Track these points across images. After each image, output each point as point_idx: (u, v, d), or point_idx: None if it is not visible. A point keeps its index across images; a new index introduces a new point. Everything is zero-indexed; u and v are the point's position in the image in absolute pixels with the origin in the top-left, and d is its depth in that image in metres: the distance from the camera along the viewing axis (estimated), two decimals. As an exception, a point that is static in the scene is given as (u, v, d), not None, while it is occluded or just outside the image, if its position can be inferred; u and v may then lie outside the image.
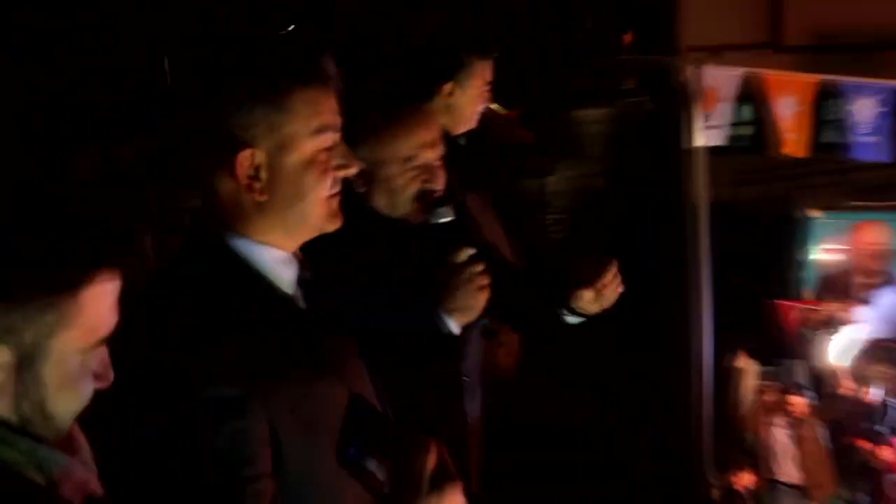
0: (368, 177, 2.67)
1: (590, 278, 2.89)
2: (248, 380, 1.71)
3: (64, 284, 1.41)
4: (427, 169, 2.72)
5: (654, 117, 22.84)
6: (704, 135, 4.94)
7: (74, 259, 1.45)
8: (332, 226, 1.89)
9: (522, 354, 3.98)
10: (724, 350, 6.92)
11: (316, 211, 1.84)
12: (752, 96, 4.70)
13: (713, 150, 4.78)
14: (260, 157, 1.79)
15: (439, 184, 2.75)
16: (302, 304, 1.89)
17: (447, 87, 3.55)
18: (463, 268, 2.60)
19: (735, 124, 4.88)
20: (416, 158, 2.70)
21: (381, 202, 2.72)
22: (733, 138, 4.84)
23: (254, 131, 1.77)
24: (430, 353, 2.57)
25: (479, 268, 2.61)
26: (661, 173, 19.83)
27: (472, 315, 2.63)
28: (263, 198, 1.82)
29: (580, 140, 28.60)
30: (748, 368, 6.95)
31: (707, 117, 4.89)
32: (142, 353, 1.69)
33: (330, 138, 1.83)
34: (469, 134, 3.75)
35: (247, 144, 1.79)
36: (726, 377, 7.19)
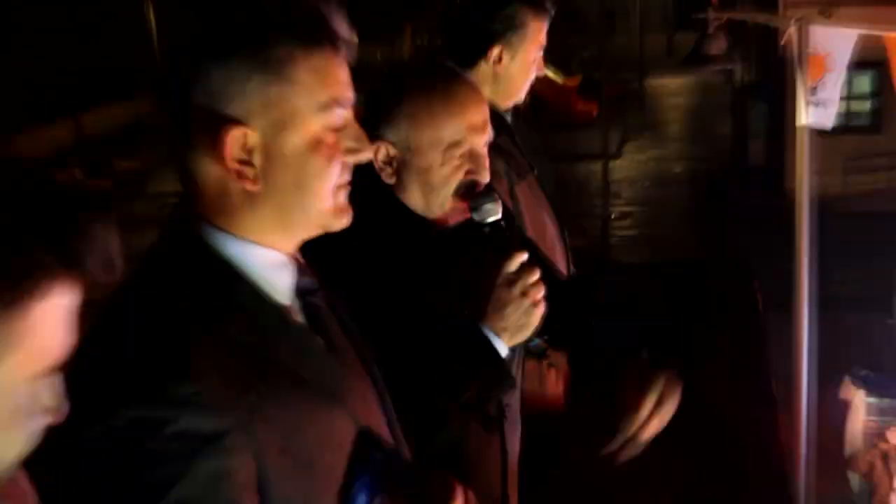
0: (400, 165, 2.60)
1: (631, 403, 2.68)
2: (230, 409, 1.66)
3: (8, 298, 1.34)
4: (473, 157, 2.62)
5: (746, 89, 22.67)
6: (810, 112, 4.79)
7: (21, 266, 1.36)
8: (339, 223, 1.85)
9: (575, 381, 3.94)
10: (828, 376, 6.88)
11: (320, 204, 1.80)
12: (871, 63, 4.58)
13: (821, 131, 4.66)
14: (253, 137, 1.74)
15: (486, 175, 2.66)
16: (300, 316, 1.85)
17: (495, 50, 3.50)
18: (515, 279, 2.53)
19: (849, 98, 4.77)
20: (461, 144, 2.62)
21: (414, 197, 2.63)
22: (847, 116, 4.72)
23: (246, 105, 1.72)
24: (472, 379, 2.51)
25: (534, 278, 2.54)
26: (755, 159, 19.76)
27: (524, 335, 2.58)
28: (256, 187, 1.75)
29: (655, 115, 28.54)
30: (857, 400, 6.90)
31: (814, 90, 4.75)
32: (99, 381, 1.64)
33: (340, 116, 1.78)
34: (517, 109, 3.70)
35: (237, 121, 1.73)
36: (829, 410, 7.16)
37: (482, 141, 2.64)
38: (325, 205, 1.81)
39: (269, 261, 1.82)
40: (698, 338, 4.38)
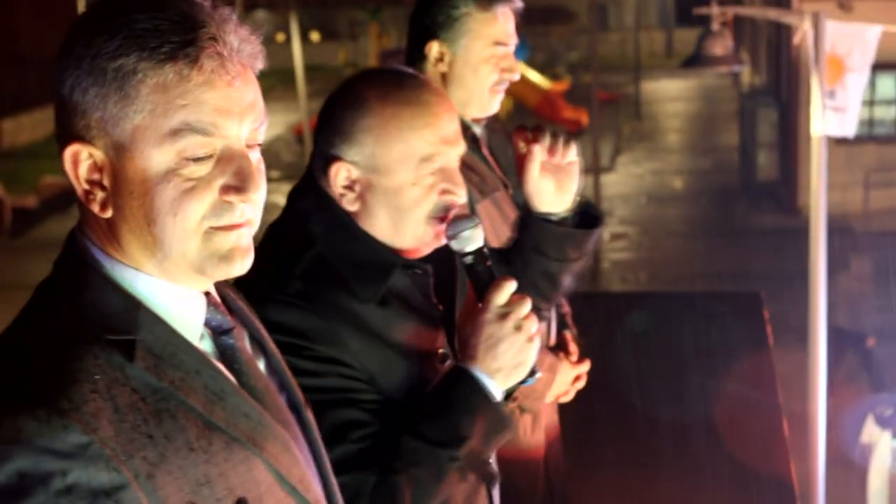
0: (364, 189, 2.55)
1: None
2: (127, 460, 1.63)
3: None
4: (447, 173, 2.56)
5: (755, 94, 22.84)
6: (827, 119, 4.81)
7: None
8: (220, 270, 1.76)
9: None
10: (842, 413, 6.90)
11: (180, 246, 1.72)
12: (895, 65, 4.60)
13: (839, 141, 4.68)
14: (98, 156, 1.71)
15: (462, 194, 2.62)
16: (212, 357, 1.82)
17: (434, 48, 3.44)
18: (507, 313, 2.47)
19: (872, 103, 4.78)
20: (434, 159, 2.54)
21: (381, 225, 2.56)
22: (869, 123, 4.74)
23: (87, 120, 1.67)
24: (470, 432, 2.48)
25: (526, 309, 2.52)
26: (764, 172, 19.89)
27: (520, 375, 2.51)
28: (106, 213, 1.70)
29: (651, 123, 28.76)
30: (882, 444, 6.92)
31: (832, 94, 4.78)
32: None
33: (201, 144, 1.69)
34: (494, 118, 3.67)
35: (79, 137, 1.69)
36: (847, 451, 7.16)
37: (456, 154, 2.58)
38: (190, 248, 1.73)
39: (171, 294, 1.78)
40: (701, 380, 4.40)
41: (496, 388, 2.48)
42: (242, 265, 1.77)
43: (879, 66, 4.69)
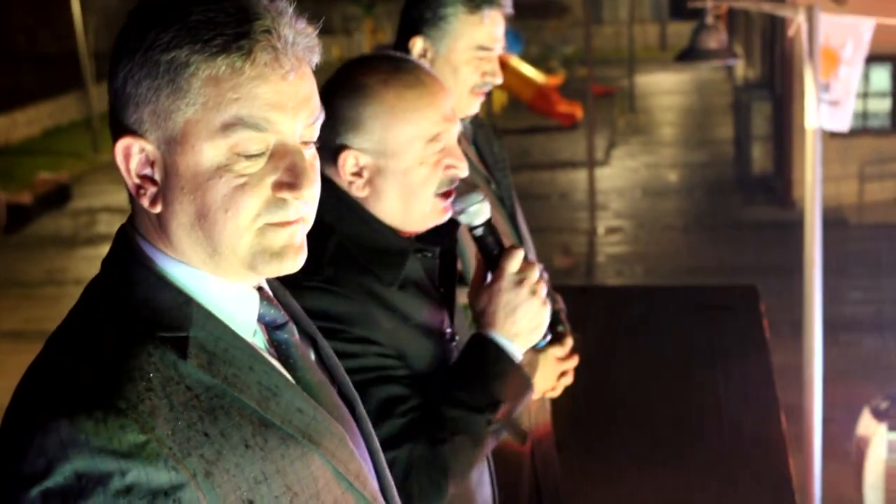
0: (373, 174, 2.59)
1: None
2: (185, 459, 1.62)
3: None
4: (449, 150, 2.66)
5: (749, 87, 22.84)
6: (822, 112, 4.81)
7: None
8: (275, 268, 1.76)
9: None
10: (839, 407, 6.90)
11: (232, 243, 1.72)
12: (890, 57, 4.59)
13: (833, 134, 4.68)
14: (151, 150, 1.70)
15: (464, 167, 2.70)
16: (265, 352, 1.82)
17: (417, 43, 3.44)
18: (522, 279, 2.60)
19: (866, 96, 4.79)
20: (439, 138, 2.63)
21: (391, 208, 2.61)
22: (863, 116, 4.74)
23: (140, 114, 1.67)
24: (502, 396, 2.58)
25: (536, 275, 2.61)
26: (759, 165, 19.90)
27: (537, 337, 2.64)
28: (156, 208, 1.70)
29: (646, 117, 28.78)
30: (878, 437, 6.92)
31: (826, 87, 4.78)
32: (35, 429, 1.61)
33: (253, 139, 1.68)
34: (477, 116, 3.66)
35: (131, 131, 1.69)
36: (843, 445, 7.17)
37: (455, 131, 2.67)
38: (242, 244, 1.72)
39: (224, 290, 1.78)
40: (697, 373, 4.40)
41: (517, 352, 2.59)
42: (295, 262, 1.76)
43: (873, 58, 4.69)
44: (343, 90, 2.59)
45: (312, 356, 1.97)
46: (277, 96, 1.68)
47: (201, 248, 1.71)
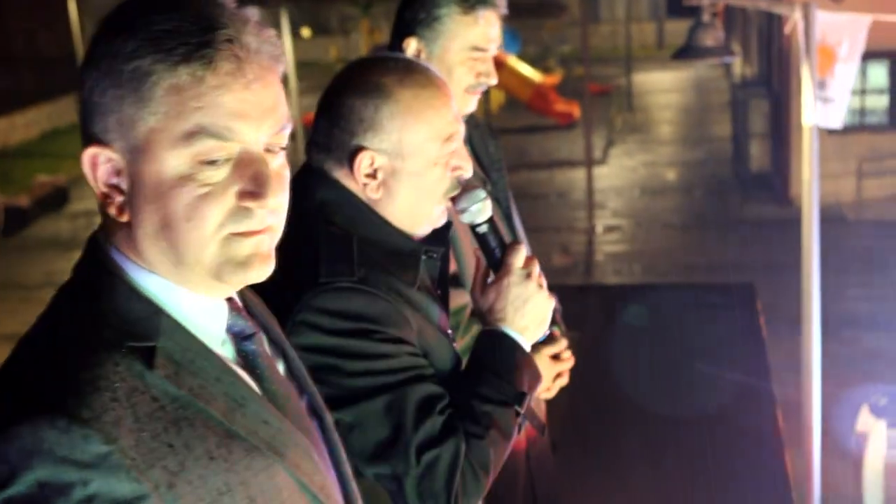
0: (387, 176, 2.59)
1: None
2: (148, 470, 1.61)
3: None
4: (458, 151, 2.71)
5: (747, 85, 22.86)
6: (818, 109, 4.81)
7: None
8: (240, 277, 1.74)
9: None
10: (838, 403, 6.89)
11: (196, 253, 1.70)
12: (887, 54, 4.59)
13: (832, 130, 4.68)
14: (116, 159, 1.68)
15: (469, 167, 2.73)
16: (233, 363, 1.81)
17: (411, 44, 3.44)
18: (528, 273, 2.67)
19: (863, 93, 4.79)
20: (454, 137, 2.66)
21: (403, 209, 2.60)
22: (861, 113, 4.74)
23: (105, 123, 1.68)
24: (522, 388, 2.61)
25: (538, 268, 2.69)
26: (757, 163, 19.90)
27: (543, 330, 2.72)
28: (123, 217, 1.71)
29: (644, 115, 28.77)
30: (877, 433, 6.92)
31: (823, 84, 4.78)
32: None
33: (216, 148, 1.67)
34: (472, 116, 3.66)
35: (98, 140, 1.69)
36: (842, 442, 7.16)
37: (463, 131, 2.69)
38: (206, 254, 1.71)
39: (192, 301, 1.78)
40: (695, 371, 4.41)
41: (527, 345, 2.67)
42: (261, 272, 1.75)
43: (871, 55, 4.69)
44: (357, 91, 2.60)
45: (281, 367, 1.97)
46: (241, 105, 1.67)
47: (167, 257, 1.71)
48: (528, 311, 2.65)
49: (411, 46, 3.44)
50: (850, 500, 6.85)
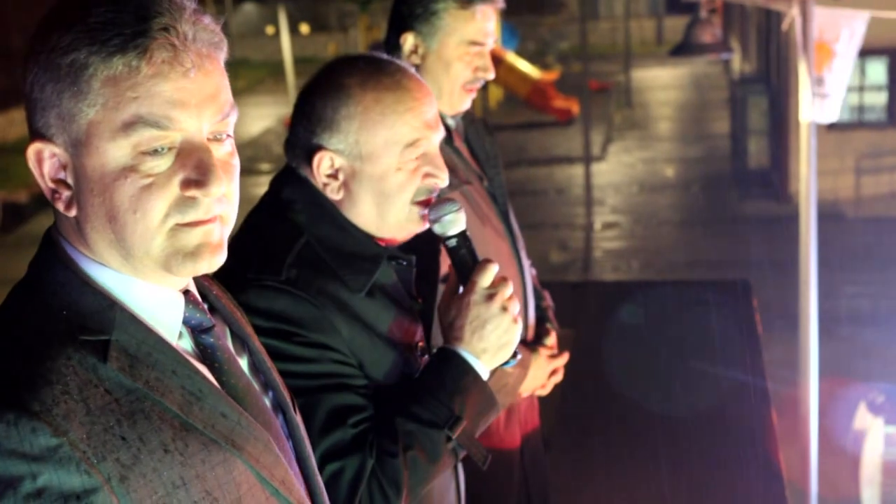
0: (348, 177, 2.57)
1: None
2: (100, 463, 1.58)
3: None
4: (430, 157, 2.60)
5: (745, 81, 22.86)
6: (815, 105, 4.81)
7: None
8: (187, 268, 1.73)
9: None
10: (835, 401, 6.89)
11: (143, 245, 1.70)
12: (886, 50, 4.59)
13: (830, 127, 4.68)
14: (60, 154, 1.68)
15: (444, 177, 2.66)
16: (190, 355, 1.80)
17: (408, 39, 3.42)
18: (493, 294, 2.54)
19: (862, 89, 4.78)
20: (418, 144, 2.58)
21: (366, 213, 2.57)
22: (859, 109, 4.74)
23: (46, 118, 1.67)
24: (462, 413, 2.52)
25: (510, 291, 2.56)
26: (756, 159, 19.86)
27: (505, 355, 2.58)
28: (71, 212, 1.70)
29: (642, 112, 28.74)
30: (874, 430, 6.93)
31: (820, 81, 4.78)
32: None
33: (155, 137, 1.66)
34: (469, 112, 3.64)
35: (41, 135, 1.69)
36: (839, 440, 7.16)
37: (437, 138, 2.62)
38: (154, 245, 1.71)
39: (147, 293, 1.77)
40: (690, 367, 4.41)
41: (483, 369, 2.53)
42: (211, 262, 1.74)
43: (869, 52, 4.69)
44: (321, 89, 2.56)
45: (244, 361, 1.95)
46: (179, 94, 1.66)
47: (115, 250, 1.70)
48: (488, 334, 2.53)
49: (408, 42, 3.42)
50: (847, 497, 6.86)
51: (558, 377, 3.49)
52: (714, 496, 3.64)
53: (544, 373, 3.45)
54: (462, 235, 2.55)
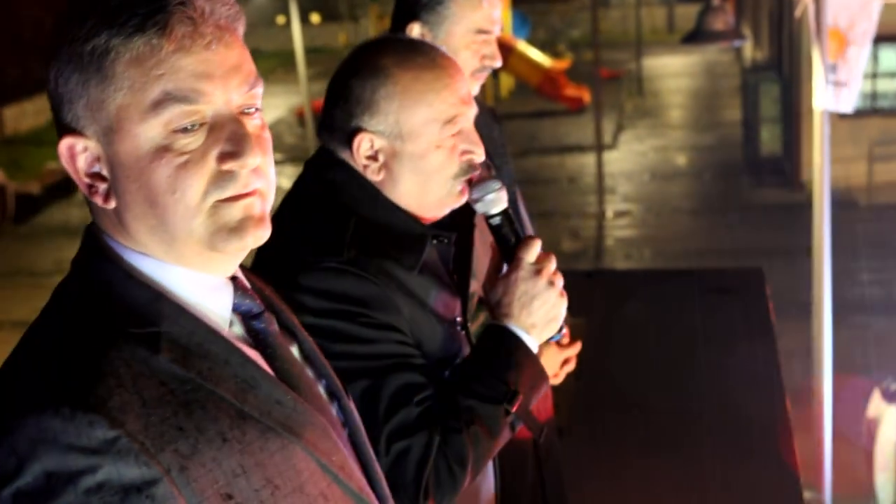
0: (388, 158, 2.57)
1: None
2: (158, 454, 1.60)
3: None
4: (466, 134, 2.63)
5: (757, 69, 22.78)
6: (829, 93, 4.79)
7: None
8: (234, 245, 1.72)
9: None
10: (849, 389, 6.88)
11: (185, 224, 1.69)
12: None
13: (843, 114, 4.66)
14: (92, 146, 1.68)
15: (481, 152, 2.68)
16: (242, 343, 1.80)
17: (414, 29, 3.42)
18: (540, 269, 2.58)
19: (875, 76, 4.75)
20: (456, 121, 2.61)
21: (408, 193, 2.57)
22: (873, 96, 4.71)
23: (75, 110, 1.67)
24: (517, 386, 2.53)
25: (554, 265, 2.60)
26: (768, 147, 19.81)
27: (553, 329, 2.63)
28: (110, 204, 1.70)
29: (654, 100, 28.67)
30: (888, 417, 6.92)
31: (834, 68, 4.76)
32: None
33: (185, 112, 1.66)
34: (476, 100, 3.64)
35: (71, 129, 1.69)
36: (853, 428, 7.16)
37: (472, 114, 2.64)
38: (196, 225, 1.69)
39: (195, 282, 1.76)
40: (703, 357, 4.40)
41: (533, 343, 2.58)
42: (257, 236, 1.73)
43: (883, 39, 4.66)
44: (357, 72, 2.57)
45: (294, 350, 1.95)
46: (203, 66, 1.66)
47: (158, 237, 1.69)
48: (536, 309, 2.58)
49: (414, 31, 3.42)
50: (861, 485, 6.85)
51: (571, 366, 3.49)
52: (728, 485, 3.62)
53: (556, 361, 3.46)
54: (504, 213, 2.59)
